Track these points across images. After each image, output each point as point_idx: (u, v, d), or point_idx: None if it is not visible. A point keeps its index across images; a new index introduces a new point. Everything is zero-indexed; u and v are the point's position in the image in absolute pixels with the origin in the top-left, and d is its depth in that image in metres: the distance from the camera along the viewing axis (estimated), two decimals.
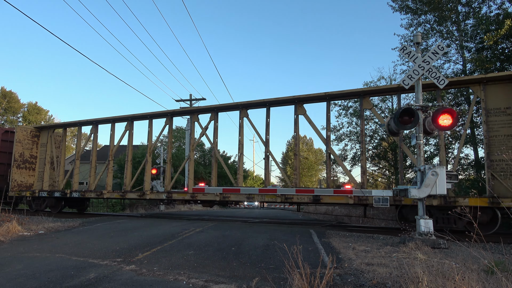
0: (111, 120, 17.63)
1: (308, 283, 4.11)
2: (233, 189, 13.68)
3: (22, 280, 4.92)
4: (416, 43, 8.98)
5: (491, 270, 4.40)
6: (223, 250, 7.09)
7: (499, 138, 10.48)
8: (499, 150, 10.20)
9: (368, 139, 23.68)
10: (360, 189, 11.59)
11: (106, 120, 17.81)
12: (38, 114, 55.96)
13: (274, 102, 13.86)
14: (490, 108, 10.78)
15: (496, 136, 10.48)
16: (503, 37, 15.23)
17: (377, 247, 7.72)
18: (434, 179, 7.74)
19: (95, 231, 9.97)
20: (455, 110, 8.04)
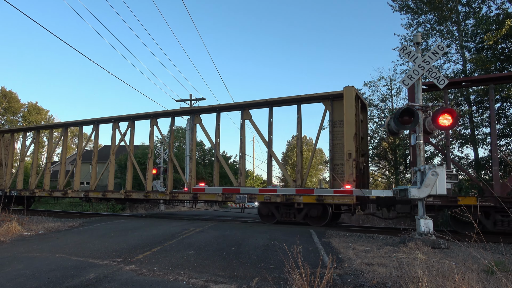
0: (95, 122, 18.04)
1: (308, 283, 4.12)
2: (233, 189, 13.69)
3: (22, 280, 4.92)
4: (416, 43, 8.98)
5: (491, 270, 4.40)
6: (223, 250, 7.09)
7: (339, 146, 12.48)
8: (338, 156, 12.39)
9: (368, 139, 23.67)
10: (360, 189, 11.60)
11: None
12: (38, 114, 55.98)
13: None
14: (335, 120, 12.69)
15: (337, 144, 12.53)
16: (503, 37, 15.24)
17: (377, 247, 7.73)
18: (434, 179, 7.74)
19: (95, 231, 9.97)
20: (456, 110, 8.06)
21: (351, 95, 12.14)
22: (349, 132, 12.02)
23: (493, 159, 10.98)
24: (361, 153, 13.24)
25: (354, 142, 11.95)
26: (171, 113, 16.27)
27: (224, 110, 15.40)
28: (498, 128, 17.45)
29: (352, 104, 12.11)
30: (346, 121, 12.11)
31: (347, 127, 12.08)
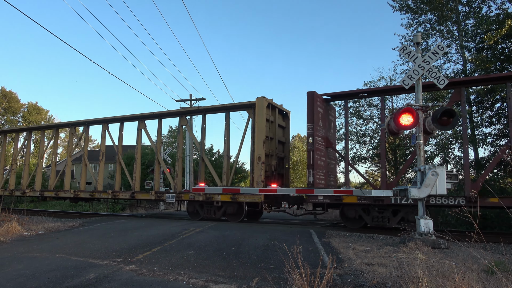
0: (86, 123, 18.30)
1: (308, 283, 4.12)
2: (233, 189, 13.69)
3: (22, 280, 4.92)
4: (416, 43, 8.98)
5: (491, 270, 4.40)
6: (223, 250, 7.09)
7: None
8: None
9: (368, 139, 23.69)
10: (360, 189, 11.60)
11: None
12: (38, 114, 56.00)
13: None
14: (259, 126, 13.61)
15: None
16: (503, 37, 15.24)
17: (377, 247, 7.73)
18: (434, 179, 7.74)
19: (95, 231, 9.97)
20: (455, 110, 8.06)
21: (262, 104, 13.44)
22: (259, 138, 13.32)
23: (382, 157, 12.12)
24: (278, 157, 14.71)
25: (263, 147, 13.28)
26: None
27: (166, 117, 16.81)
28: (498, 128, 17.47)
29: (263, 112, 13.39)
30: (257, 128, 13.44)
31: (258, 133, 13.40)
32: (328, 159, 13.43)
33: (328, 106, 13.67)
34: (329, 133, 13.60)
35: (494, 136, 17.43)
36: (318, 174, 12.17)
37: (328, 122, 13.53)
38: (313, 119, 12.12)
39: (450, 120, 8.05)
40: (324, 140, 12.98)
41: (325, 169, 12.99)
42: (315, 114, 12.19)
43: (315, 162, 11.99)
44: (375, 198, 11.22)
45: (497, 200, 9.65)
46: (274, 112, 14.45)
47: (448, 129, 8.92)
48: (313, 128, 12.10)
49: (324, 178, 12.79)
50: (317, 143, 12.20)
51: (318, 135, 12.34)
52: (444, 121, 8.07)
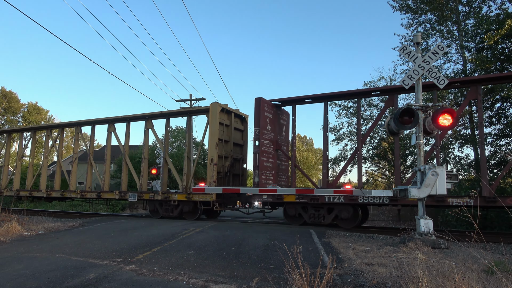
0: (92, 122, 18.19)
1: (308, 283, 4.11)
2: (233, 189, 13.69)
3: (22, 280, 4.92)
4: (416, 43, 8.97)
5: (491, 270, 4.40)
6: (223, 250, 7.09)
7: None
8: None
9: (368, 139, 23.68)
10: (360, 189, 11.60)
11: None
12: (38, 114, 55.99)
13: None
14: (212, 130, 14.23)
15: None
16: (503, 37, 15.24)
17: (377, 247, 7.72)
18: (434, 179, 7.74)
19: (95, 231, 9.97)
20: (455, 110, 8.05)
21: (216, 110, 14.14)
22: (212, 141, 14.06)
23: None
24: (234, 158, 15.46)
25: (216, 149, 13.99)
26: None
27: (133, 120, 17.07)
28: (498, 128, 17.47)
29: (216, 117, 14.09)
30: (210, 131, 14.17)
31: (211, 137, 14.11)
32: (278, 161, 14.20)
33: (279, 111, 14.40)
34: (280, 136, 14.31)
35: (494, 136, 17.43)
36: (264, 174, 13.04)
37: (279, 126, 14.28)
38: (259, 123, 12.87)
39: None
40: (273, 143, 13.71)
41: (274, 170, 13.78)
42: (261, 119, 12.93)
43: (261, 164, 12.82)
44: (311, 197, 11.98)
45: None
46: (230, 117, 15.32)
47: (448, 129, 8.90)
48: (259, 132, 12.85)
49: (273, 179, 13.58)
50: (263, 146, 12.99)
51: (265, 138, 13.13)
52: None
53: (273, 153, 13.74)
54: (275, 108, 13.97)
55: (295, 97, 13.33)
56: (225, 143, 14.94)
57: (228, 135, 15.10)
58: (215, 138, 14.01)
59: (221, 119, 14.55)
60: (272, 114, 13.68)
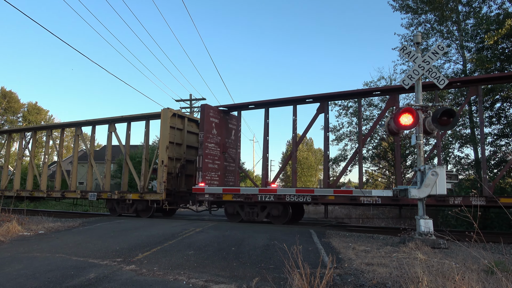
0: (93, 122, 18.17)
1: (308, 283, 4.11)
2: (233, 189, 13.69)
3: (22, 280, 4.92)
4: (416, 43, 8.97)
5: (491, 270, 4.40)
6: (223, 250, 7.09)
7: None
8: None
9: (368, 139, 23.66)
10: (360, 189, 11.61)
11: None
12: (38, 114, 55.97)
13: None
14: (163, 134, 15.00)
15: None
16: (504, 37, 15.23)
17: (377, 247, 7.72)
18: (434, 179, 7.74)
19: (95, 231, 9.97)
20: (455, 110, 8.05)
21: (167, 115, 14.96)
22: (163, 144, 14.85)
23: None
24: (187, 160, 16.09)
25: (166, 152, 14.75)
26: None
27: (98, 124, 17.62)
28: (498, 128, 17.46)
29: (167, 122, 14.90)
30: (161, 135, 15.03)
31: (162, 140, 14.94)
32: (226, 162, 15.19)
33: (227, 116, 15.33)
34: (228, 140, 15.26)
35: (494, 136, 17.42)
36: (208, 175, 14.08)
37: (227, 130, 15.27)
38: (204, 128, 13.90)
39: (450, 120, 8.04)
40: (219, 146, 14.67)
41: (221, 171, 14.80)
42: (206, 124, 13.93)
43: (205, 166, 13.82)
44: (246, 196, 12.99)
45: None
46: (184, 121, 16.28)
47: (448, 129, 8.90)
48: (203, 136, 13.85)
49: (219, 179, 14.63)
50: (207, 149, 13.99)
51: (209, 142, 14.12)
52: (444, 121, 8.06)
53: (220, 155, 14.73)
54: (222, 113, 14.94)
55: (241, 103, 14.47)
56: (178, 145, 15.83)
57: (181, 138, 16.03)
58: (165, 141, 14.85)
59: (173, 123, 15.38)
60: (219, 119, 14.66)
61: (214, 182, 14.26)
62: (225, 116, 15.12)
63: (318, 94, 13.09)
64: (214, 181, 14.28)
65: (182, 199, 15.53)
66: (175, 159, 15.57)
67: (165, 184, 14.49)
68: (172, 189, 15.12)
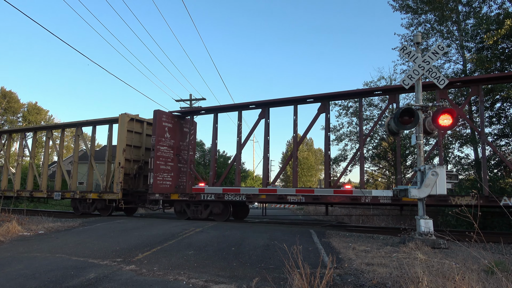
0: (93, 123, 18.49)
1: (308, 283, 4.11)
2: (233, 189, 13.70)
3: (22, 280, 4.92)
4: (416, 43, 8.96)
5: (491, 270, 4.39)
6: (223, 250, 7.09)
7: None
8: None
9: (368, 139, 23.66)
10: (360, 189, 11.60)
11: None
12: (38, 114, 55.94)
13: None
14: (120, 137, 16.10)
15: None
16: (503, 37, 15.21)
17: (377, 247, 7.72)
18: (434, 179, 7.73)
19: (95, 231, 9.97)
20: (455, 110, 8.03)
21: (124, 120, 16.00)
22: (120, 147, 15.79)
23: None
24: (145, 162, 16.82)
25: (123, 154, 15.73)
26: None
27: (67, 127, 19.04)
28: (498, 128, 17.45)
29: (124, 127, 15.92)
30: (118, 139, 15.98)
31: (119, 143, 15.88)
32: (180, 164, 16.05)
33: (182, 120, 16.25)
34: (183, 143, 16.13)
35: (494, 136, 17.41)
36: (160, 176, 14.98)
37: (181, 133, 16.15)
38: (156, 132, 14.83)
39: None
40: (172, 149, 15.61)
41: (174, 172, 15.70)
42: (158, 129, 14.86)
43: (156, 167, 14.74)
44: (190, 195, 14.04)
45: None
46: (143, 125, 17.21)
47: (448, 129, 8.88)
48: (155, 139, 14.77)
49: (172, 180, 15.51)
50: (159, 152, 14.93)
51: (162, 145, 15.08)
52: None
53: (173, 157, 15.68)
54: (176, 118, 15.90)
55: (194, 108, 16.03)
56: (137, 148, 16.78)
57: (140, 141, 17.04)
58: (122, 144, 15.87)
59: (131, 127, 16.39)
60: (172, 124, 15.61)
61: (167, 183, 15.22)
62: (179, 120, 16.07)
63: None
64: (166, 182, 15.23)
65: (140, 198, 16.23)
66: (133, 161, 16.46)
67: (121, 184, 15.40)
68: (129, 189, 15.99)
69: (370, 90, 13.77)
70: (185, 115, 16.28)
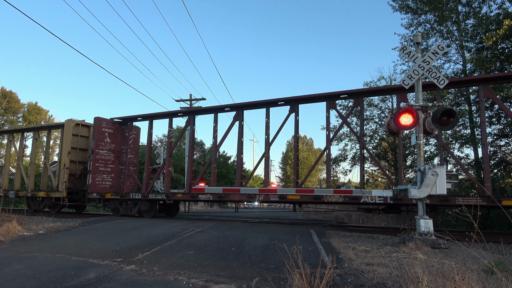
0: None
1: (308, 283, 4.11)
2: (233, 189, 13.70)
3: (22, 280, 4.92)
4: (416, 43, 8.96)
5: (491, 270, 4.40)
6: (223, 250, 7.09)
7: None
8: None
9: (368, 139, 23.66)
10: (360, 189, 11.61)
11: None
12: (38, 114, 55.88)
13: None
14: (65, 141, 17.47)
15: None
16: (503, 37, 15.21)
17: (377, 247, 7.72)
18: (434, 179, 7.73)
19: (95, 231, 9.97)
20: (455, 110, 8.04)
21: (70, 125, 17.35)
22: (65, 150, 17.12)
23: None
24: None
25: (68, 157, 17.03)
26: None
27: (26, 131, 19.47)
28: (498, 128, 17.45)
29: (69, 131, 17.23)
30: (64, 142, 17.31)
31: (64, 147, 17.18)
32: (121, 166, 17.23)
33: (124, 126, 17.49)
34: (124, 147, 17.31)
35: (494, 136, 17.42)
36: (99, 177, 16.28)
37: (123, 138, 17.40)
38: (95, 137, 16.18)
39: (450, 120, 8.03)
40: (113, 152, 16.92)
41: (115, 173, 16.98)
42: (97, 134, 16.17)
43: (95, 169, 16.11)
44: (122, 194, 15.61)
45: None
46: (90, 129, 18.27)
47: (448, 129, 8.89)
48: (95, 144, 16.12)
49: (112, 180, 16.83)
50: (98, 155, 16.28)
51: (102, 148, 16.39)
52: (444, 121, 8.05)
53: (114, 160, 16.96)
54: (117, 124, 17.27)
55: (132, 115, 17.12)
56: (82, 150, 17.99)
57: (86, 144, 18.20)
58: (68, 147, 17.14)
59: (77, 132, 17.68)
60: (113, 129, 16.99)
61: (106, 183, 16.57)
62: (121, 126, 17.42)
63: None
64: (106, 182, 16.57)
65: (85, 197, 17.13)
66: (79, 162, 17.74)
67: (66, 184, 16.69)
68: (75, 188, 17.22)
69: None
70: (126, 121, 17.48)
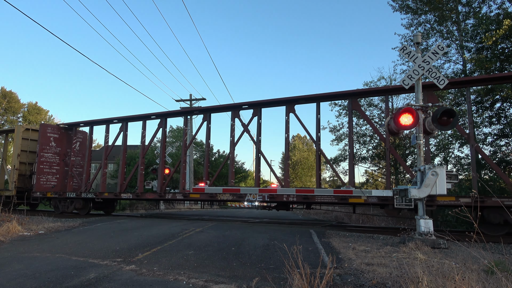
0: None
1: (308, 283, 4.11)
2: (233, 189, 13.70)
3: (22, 280, 4.92)
4: (416, 43, 8.97)
5: (491, 270, 4.40)
6: (223, 250, 7.09)
7: None
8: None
9: (368, 139, 23.66)
10: (360, 189, 11.61)
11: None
12: (38, 114, 55.86)
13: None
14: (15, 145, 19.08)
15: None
16: (503, 37, 15.20)
17: (377, 247, 7.72)
18: (434, 179, 7.73)
19: (95, 231, 9.97)
20: (455, 110, 8.04)
21: (19, 130, 18.80)
22: (15, 152, 18.58)
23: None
24: None
25: (18, 159, 18.37)
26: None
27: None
28: (498, 128, 17.45)
29: (19, 136, 18.55)
30: (14, 146, 18.89)
31: (14, 150, 18.69)
32: (67, 167, 18.49)
33: (71, 131, 18.85)
34: (69, 150, 18.65)
35: (494, 136, 17.41)
36: (44, 177, 17.71)
37: (69, 142, 18.73)
38: (40, 141, 17.58)
39: (450, 120, 8.03)
40: (59, 155, 18.32)
41: (60, 175, 18.38)
42: (42, 138, 17.65)
43: (40, 170, 17.51)
44: (59, 193, 17.16)
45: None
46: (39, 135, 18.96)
47: (448, 129, 8.90)
48: (39, 148, 17.51)
49: (57, 181, 18.23)
50: (43, 158, 17.65)
51: (47, 152, 17.81)
52: (444, 121, 8.05)
53: (59, 162, 18.34)
54: (63, 129, 18.75)
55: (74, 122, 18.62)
56: (33, 153, 18.95)
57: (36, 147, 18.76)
58: (17, 150, 18.54)
59: (27, 136, 19.03)
60: (59, 134, 18.46)
61: (51, 183, 17.93)
62: (67, 131, 18.83)
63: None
64: (51, 182, 17.95)
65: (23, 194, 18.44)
66: (28, 164, 18.94)
67: (15, 183, 18.00)
68: (25, 187, 18.38)
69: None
70: (72, 127, 18.83)
